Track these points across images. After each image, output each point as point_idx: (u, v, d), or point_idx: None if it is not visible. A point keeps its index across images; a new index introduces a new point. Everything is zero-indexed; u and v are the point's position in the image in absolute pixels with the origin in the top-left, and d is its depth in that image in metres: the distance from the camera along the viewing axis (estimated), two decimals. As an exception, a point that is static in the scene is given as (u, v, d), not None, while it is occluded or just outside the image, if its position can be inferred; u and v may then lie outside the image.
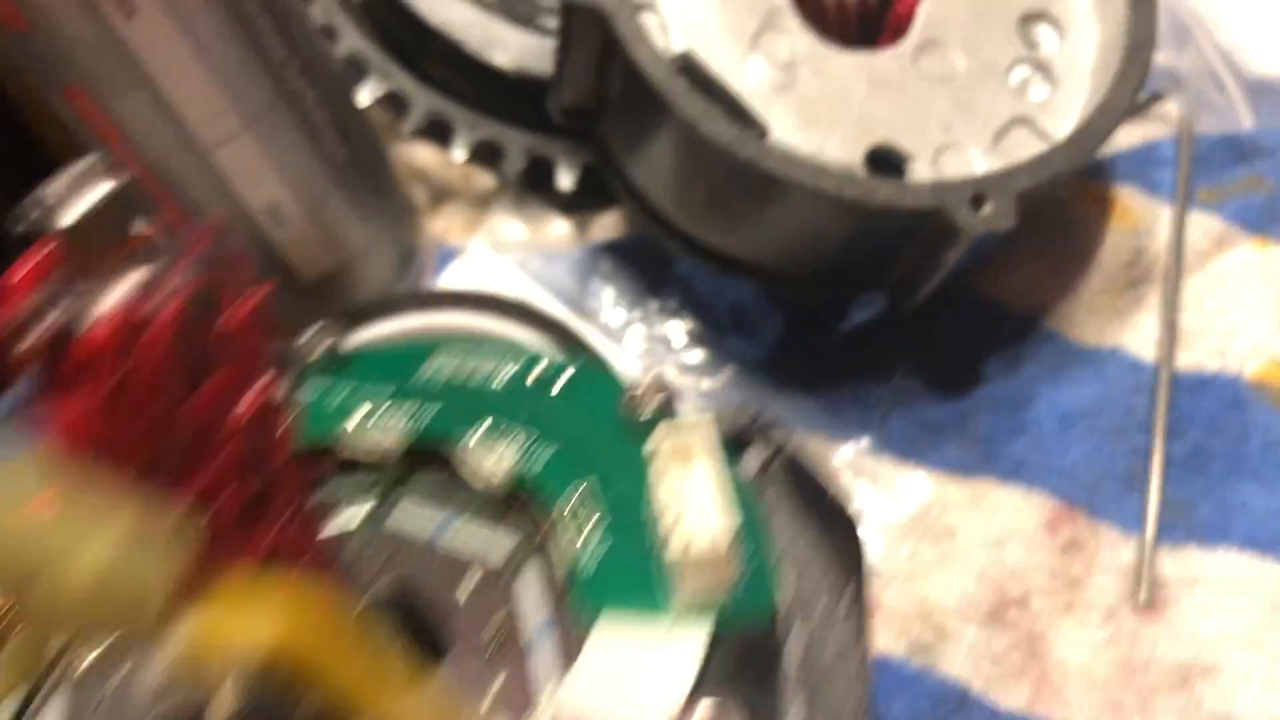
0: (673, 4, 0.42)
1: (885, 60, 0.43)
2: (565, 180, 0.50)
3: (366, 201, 0.48)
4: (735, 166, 0.39)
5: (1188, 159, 0.49)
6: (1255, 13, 0.53)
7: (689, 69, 0.41)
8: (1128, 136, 0.50)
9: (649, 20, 0.42)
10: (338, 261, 0.47)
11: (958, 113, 0.42)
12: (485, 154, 0.51)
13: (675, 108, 0.38)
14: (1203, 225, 0.48)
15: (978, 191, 0.38)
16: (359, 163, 0.46)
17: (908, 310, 0.43)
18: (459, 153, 0.50)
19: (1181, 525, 0.42)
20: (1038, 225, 0.47)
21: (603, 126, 0.44)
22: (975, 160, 0.42)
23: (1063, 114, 0.43)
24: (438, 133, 0.51)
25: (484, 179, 0.55)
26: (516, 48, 0.50)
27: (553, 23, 0.50)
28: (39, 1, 0.35)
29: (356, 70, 0.51)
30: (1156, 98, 0.51)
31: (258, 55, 0.40)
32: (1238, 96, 0.49)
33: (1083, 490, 0.43)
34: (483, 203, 0.54)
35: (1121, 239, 0.48)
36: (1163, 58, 0.52)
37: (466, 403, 0.33)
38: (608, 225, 0.52)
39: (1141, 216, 0.48)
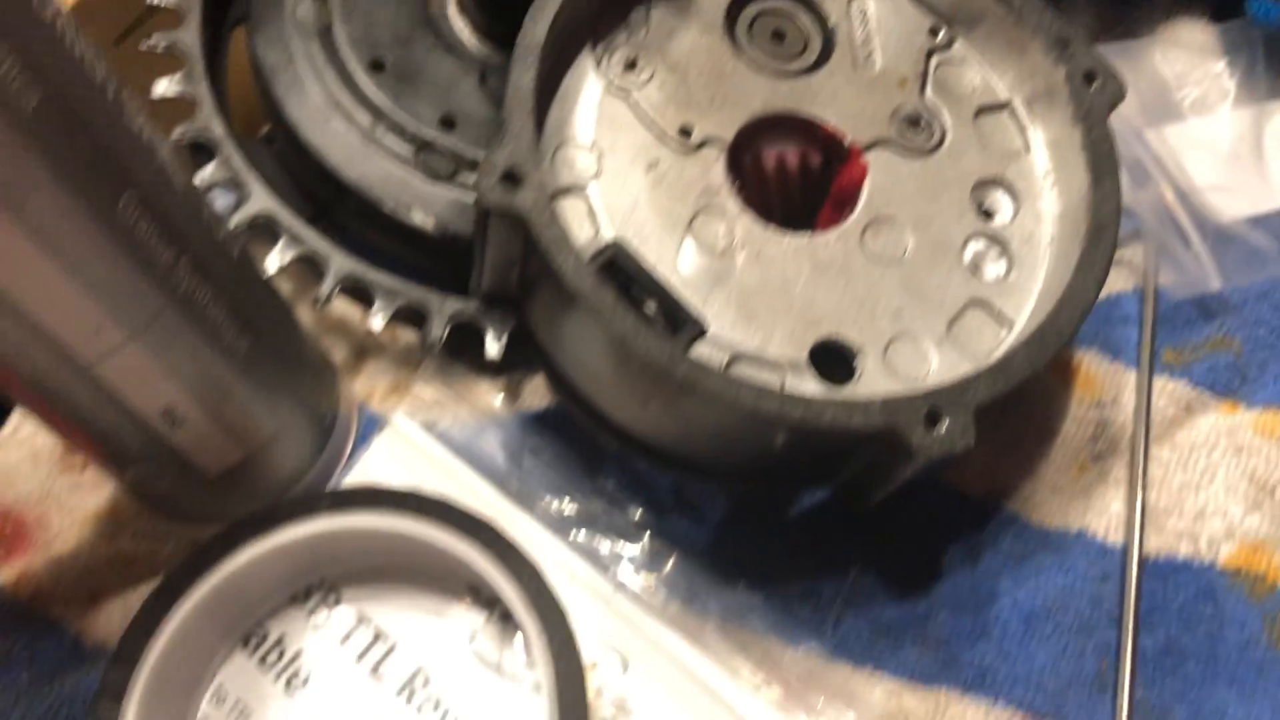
0: (603, 189, 0.39)
1: (829, 241, 0.40)
2: (492, 348, 0.47)
3: (276, 388, 0.44)
4: (670, 380, 0.35)
5: (1153, 319, 0.46)
6: (1212, 156, 0.50)
7: (618, 262, 0.38)
8: (1088, 290, 0.47)
9: (577, 206, 0.39)
10: (247, 452, 0.44)
11: (908, 298, 0.39)
12: (408, 317, 0.48)
13: (603, 321, 0.35)
14: (1169, 391, 0.45)
15: (932, 407, 0.35)
16: (264, 349, 0.43)
17: (858, 512, 0.40)
18: (377, 320, 0.47)
19: (1156, 733, 0.40)
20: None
21: (528, 313, 0.41)
22: (928, 352, 0.39)
23: (1020, 294, 0.40)
24: (357, 294, 0.48)
25: (409, 334, 0.51)
26: (438, 206, 0.47)
27: (468, 182, 0.47)
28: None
29: (266, 232, 0.47)
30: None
31: (139, 264, 0.36)
32: (1201, 247, 0.47)
33: (1050, 699, 0.40)
34: (407, 361, 0.51)
35: (1083, 410, 0.45)
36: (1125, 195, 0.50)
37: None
38: (539, 390, 0.48)
39: (1104, 384, 0.45)
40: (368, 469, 0.48)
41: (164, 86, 0.48)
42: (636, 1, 0.42)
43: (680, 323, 0.38)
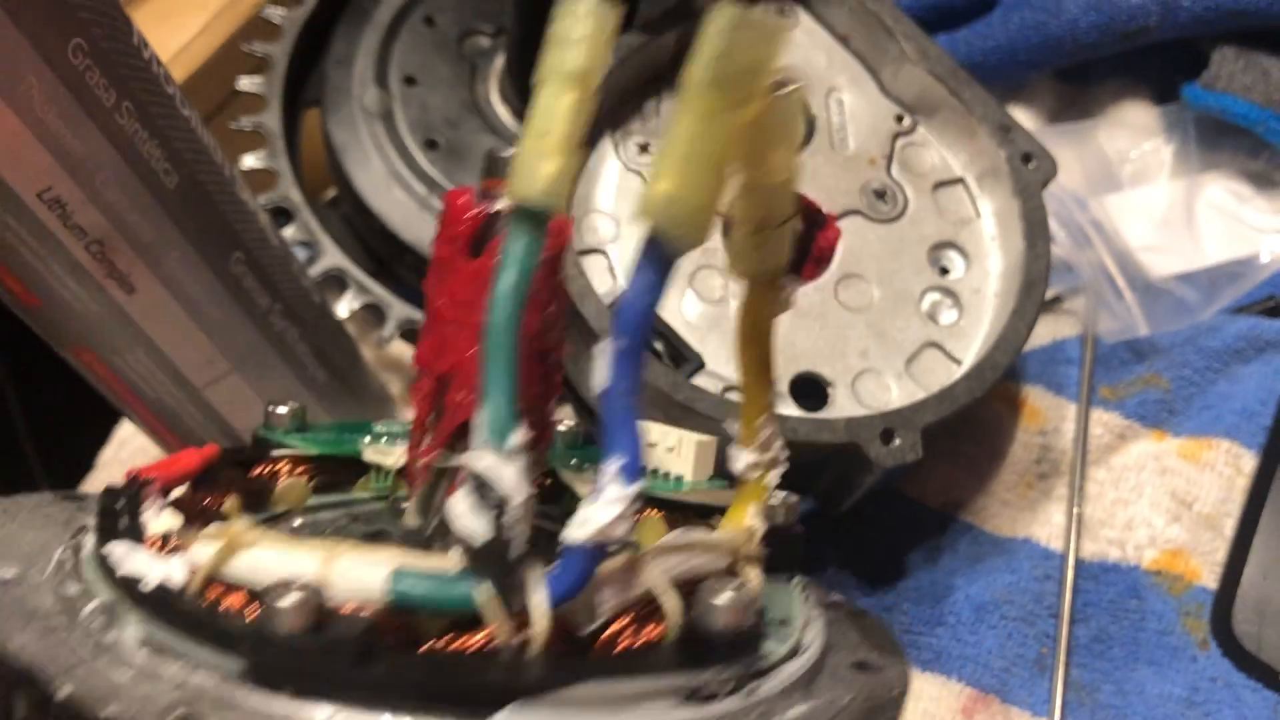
0: (620, 250, 0.48)
1: (808, 292, 0.48)
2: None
3: (347, 411, 0.52)
4: (674, 402, 0.43)
5: (1091, 360, 0.54)
6: (1148, 222, 0.58)
7: (632, 308, 0.46)
8: (1036, 335, 0.55)
9: (599, 263, 0.47)
10: None
11: (873, 340, 0.47)
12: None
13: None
14: (1105, 421, 0.53)
15: (887, 427, 0.43)
16: (337, 380, 0.51)
17: (834, 515, 0.48)
18: (430, 359, 0.55)
19: (1085, 708, 0.47)
20: (953, 428, 0.52)
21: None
22: (890, 384, 0.47)
23: (969, 338, 0.48)
24: (413, 336, 0.56)
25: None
26: (482, 262, 0.55)
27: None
28: (48, 283, 0.40)
29: (337, 283, 0.56)
30: (1059, 299, 0.56)
31: (244, 308, 0.44)
32: (1132, 300, 0.54)
33: (995, 677, 0.47)
34: (453, 394, 0.59)
35: (1030, 437, 0.53)
36: (1069, 255, 0.57)
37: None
38: (566, 416, 0.57)
39: (1048, 415, 0.53)
40: None
41: (251, 161, 0.58)
42: (648, 94, 0.51)
43: (683, 359, 0.46)
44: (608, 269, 0.47)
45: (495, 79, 0.60)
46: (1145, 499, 0.51)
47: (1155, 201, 0.59)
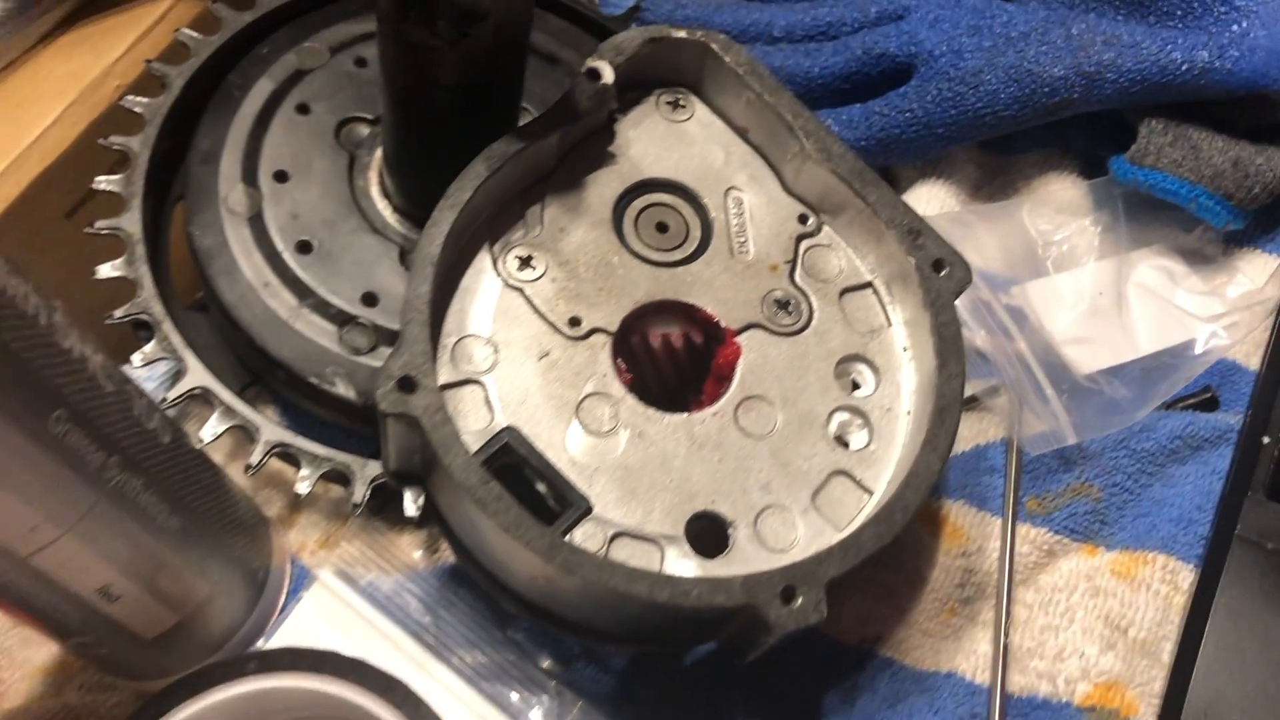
0: (498, 379, 0.43)
1: (706, 418, 0.44)
2: (410, 509, 0.51)
3: (209, 554, 0.48)
4: (552, 564, 0.39)
5: (1016, 470, 0.50)
6: (1073, 311, 0.55)
7: (511, 448, 0.42)
8: (956, 438, 0.51)
9: (475, 395, 0.43)
10: (183, 616, 0.47)
11: (777, 471, 0.43)
12: (334, 479, 0.52)
13: (489, 513, 0.39)
14: (1032, 537, 0.49)
15: (787, 585, 0.39)
16: (196, 523, 0.46)
17: (740, 665, 0.44)
18: (303, 486, 0.50)
19: None
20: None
21: (431, 489, 0.45)
22: (796, 521, 0.43)
23: (880, 463, 0.45)
24: (288, 458, 0.52)
25: (339, 489, 0.55)
26: (360, 377, 0.51)
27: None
28: None
29: (203, 400, 0.51)
30: (977, 399, 0.53)
31: (70, 468, 0.39)
32: (1058, 404, 0.51)
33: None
34: (337, 513, 0.55)
35: (952, 559, 0.49)
36: (988, 348, 0.54)
37: None
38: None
39: (971, 534, 0.49)
40: (299, 623, 0.51)
41: (106, 270, 0.53)
42: (531, 201, 0.47)
43: (567, 503, 0.42)
44: (484, 401, 0.43)
45: (375, 170, 0.56)
46: (1077, 624, 0.48)
47: (1082, 286, 0.56)
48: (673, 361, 0.47)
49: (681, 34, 0.48)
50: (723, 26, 0.64)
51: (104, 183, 0.54)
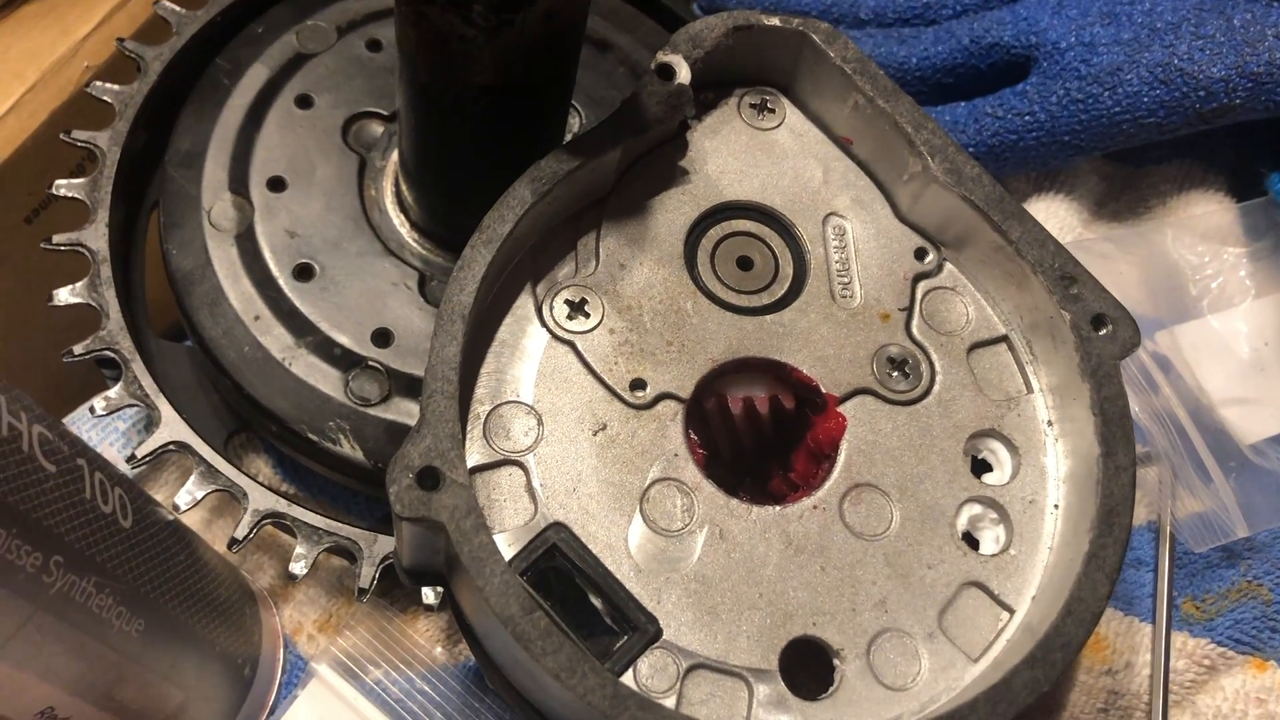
0: (542, 459, 0.34)
1: (804, 513, 0.35)
2: (429, 596, 0.42)
3: (180, 655, 0.39)
4: None
5: (1170, 566, 0.41)
6: (1231, 361, 0.45)
7: (559, 553, 0.33)
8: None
9: (514, 480, 0.34)
10: None
11: (894, 583, 0.34)
12: (336, 552, 0.43)
13: (534, 653, 0.29)
14: (1189, 651, 0.40)
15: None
16: (164, 620, 0.38)
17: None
18: (298, 567, 0.41)
19: None
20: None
21: (456, 593, 0.35)
22: (917, 649, 0.34)
23: (1022, 572, 0.35)
24: (282, 526, 0.43)
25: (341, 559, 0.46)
26: (370, 433, 0.42)
27: (404, 409, 0.42)
28: None
29: (181, 449, 0.42)
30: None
31: None
32: (1224, 484, 0.41)
33: None
34: (341, 587, 0.46)
35: (1094, 678, 0.40)
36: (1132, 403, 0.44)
37: None
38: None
39: (1116, 645, 0.40)
40: None
41: (65, 296, 0.44)
42: (583, 230, 0.37)
43: (630, 625, 0.33)
44: (525, 488, 0.34)
45: (390, 178, 0.46)
46: (1249, 761, 0.38)
47: (1239, 331, 0.46)
48: (755, 432, 0.37)
49: (775, 21, 0.38)
50: (800, 6, 0.54)
51: (65, 188, 0.46)
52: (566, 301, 0.36)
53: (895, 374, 0.37)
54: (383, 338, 0.43)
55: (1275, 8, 0.48)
